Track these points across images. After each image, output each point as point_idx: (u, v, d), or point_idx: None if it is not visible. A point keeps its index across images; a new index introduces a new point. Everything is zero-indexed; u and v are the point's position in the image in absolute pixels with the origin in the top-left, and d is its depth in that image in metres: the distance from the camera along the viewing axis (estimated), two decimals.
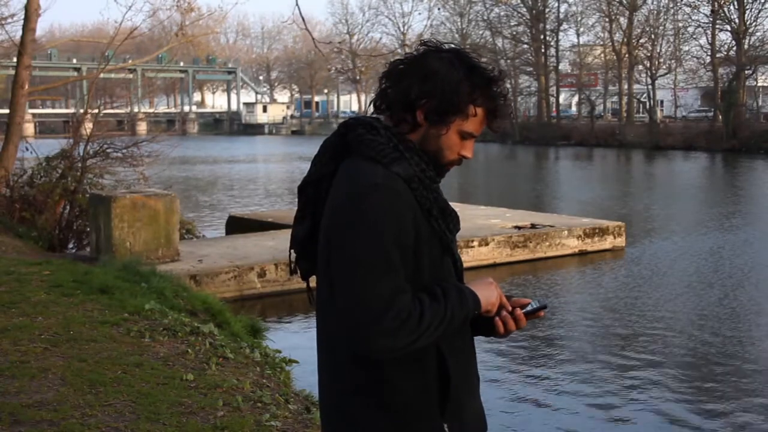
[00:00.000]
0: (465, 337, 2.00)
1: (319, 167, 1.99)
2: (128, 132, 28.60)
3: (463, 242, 12.58)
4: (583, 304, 11.17)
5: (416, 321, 1.80)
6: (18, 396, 4.69)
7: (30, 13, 15.62)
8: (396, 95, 1.95)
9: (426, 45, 1.99)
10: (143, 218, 10.91)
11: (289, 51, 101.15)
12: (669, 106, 67.83)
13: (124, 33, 19.91)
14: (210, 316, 7.75)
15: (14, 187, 14.22)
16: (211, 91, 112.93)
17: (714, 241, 15.86)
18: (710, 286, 11.95)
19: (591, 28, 66.79)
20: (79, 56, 79.63)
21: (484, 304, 1.94)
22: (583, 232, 14.21)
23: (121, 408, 4.58)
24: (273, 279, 11.05)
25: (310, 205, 2.00)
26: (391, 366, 1.86)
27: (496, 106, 1.97)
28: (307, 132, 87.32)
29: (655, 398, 7.32)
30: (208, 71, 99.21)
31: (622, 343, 9.23)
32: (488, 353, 8.19)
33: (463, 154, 2.00)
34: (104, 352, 5.64)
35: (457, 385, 1.94)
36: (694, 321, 10.21)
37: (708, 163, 41.99)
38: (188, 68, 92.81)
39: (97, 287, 7.63)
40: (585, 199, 24.12)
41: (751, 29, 53.38)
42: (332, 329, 1.92)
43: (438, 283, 1.90)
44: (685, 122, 58.57)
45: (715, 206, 22.08)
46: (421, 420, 1.91)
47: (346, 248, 1.82)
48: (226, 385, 5.15)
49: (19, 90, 15.70)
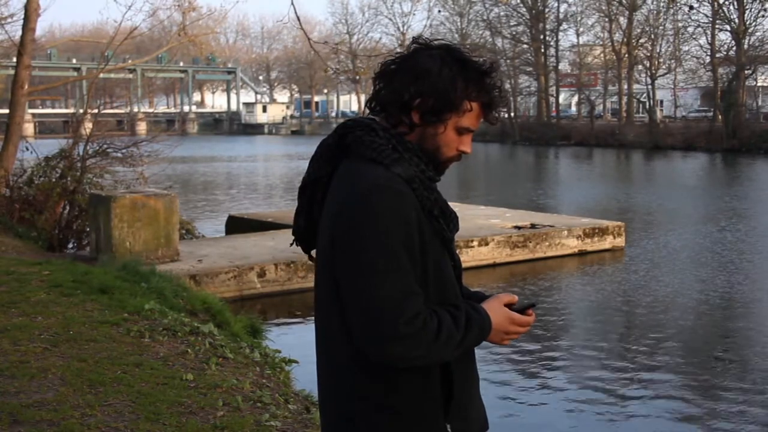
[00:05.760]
0: None
1: (316, 168, 1.99)
2: (128, 132, 28.63)
3: (463, 242, 12.58)
4: (582, 304, 11.17)
5: (433, 335, 1.80)
6: (18, 396, 4.68)
7: (30, 13, 15.61)
8: (389, 96, 1.94)
9: (416, 43, 1.97)
10: (143, 218, 10.90)
11: (288, 51, 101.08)
12: (669, 106, 67.84)
13: (124, 33, 19.91)
14: (210, 316, 7.75)
15: (14, 187, 14.21)
16: (211, 91, 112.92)
17: (714, 241, 15.85)
18: (710, 286, 11.94)
19: (591, 28, 66.89)
20: (79, 56, 79.59)
21: (497, 341, 1.96)
22: (582, 232, 14.22)
23: (121, 408, 4.58)
24: (273, 279, 11.04)
25: (308, 205, 2.01)
26: (392, 367, 1.86)
27: (491, 98, 1.96)
28: (306, 132, 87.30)
29: (655, 398, 7.32)
30: (207, 71, 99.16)
31: (621, 343, 9.23)
32: (487, 352, 8.18)
33: (461, 150, 1.99)
34: (104, 352, 5.64)
35: (458, 386, 1.93)
36: (694, 321, 10.22)
37: (708, 163, 41.98)
38: (188, 68, 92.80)
39: (97, 287, 7.63)
40: (585, 199, 24.12)
41: (751, 29, 53.38)
42: (333, 329, 1.91)
43: (465, 307, 1.89)
44: (684, 122, 58.54)
45: (715, 206, 22.08)
46: (423, 421, 1.90)
47: (353, 251, 1.81)
48: (225, 385, 5.15)
49: (18, 90, 15.69)
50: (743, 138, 48.64)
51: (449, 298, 1.92)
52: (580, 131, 60.22)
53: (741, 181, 30.98)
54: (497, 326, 1.92)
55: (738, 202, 23.10)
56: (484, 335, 1.90)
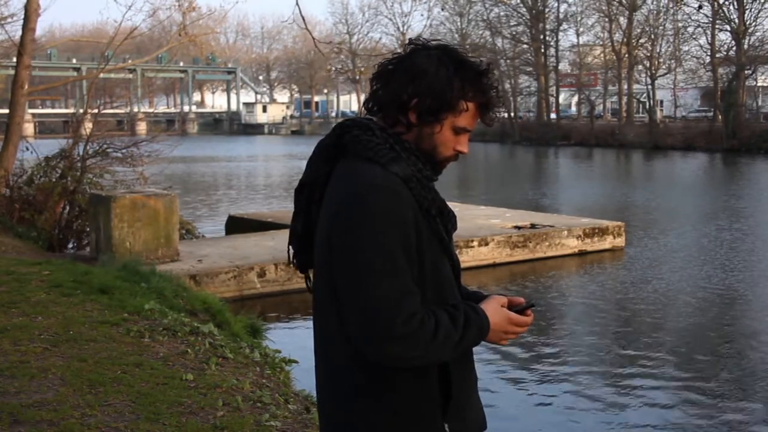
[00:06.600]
0: None
1: (314, 169, 1.99)
2: (128, 132, 28.64)
3: (463, 242, 12.58)
4: (582, 304, 11.17)
5: (431, 334, 1.80)
6: (18, 396, 4.68)
7: (30, 13, 15.61)
8: (387, 97, 1.94)
9: (413, 44, 1.98)
10: (143, 218, 10.91)
11: (288, 51, 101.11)
12: (669, 106, 67.85)
13: (124, 33, 19.91)
14: (210, 316, 7.75)
15: (14, 187, 14.21)
16: (211, 91, 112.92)
17: (714, 241, 15.85)
18: (710, 285, 11.94)
19: (591, 28, 66.87)
20: (79, 56, 79.60)
21: (495, 341, 1.96)
22: (582, 232, 14.22)
23: (120, 408, 4.58)
24: (273, 279, 11.05)
25: (305, 206, 2.00)
26: (390, 367, 1.86)
27: (488, 98, 1.97)
28: (306, 132, 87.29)
29: (655, 397, 7.32)
30: (207, 71, 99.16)
31: (621, 343, 9.23)
32: (486, 352, 8.18)
33: (458, 150, 2.00)
34: (104, 352, 5.64)
35: (457, 386, 1.94)
36: (694, 320, 10.22)
37: (708, 163, 41.98)
38: (188, 68, 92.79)
39: (97, 287, 7.63)
40: (584, 199, 24.12)
41: (751, 29, 53.40)
42: (331, 330, 1.92)
43: (463, 308, 1.89)
44: (684, 122, 58.58)
45: (715, 206, 22.08)
46: (421, 421, 1.90)
47: (350, 250, 1.82)
48: (225, 385, 5.15)
49: (18, 90, 15.69)
50: (743, 138, 48.64)
51: (447, 297, 1.92)
52: (580, 131, 60.22)
53: (741, 181, 30.98)
54: (496, 326, 1.92)
55: (738, 201, 23.10)
56: (482, 335, 1.90)
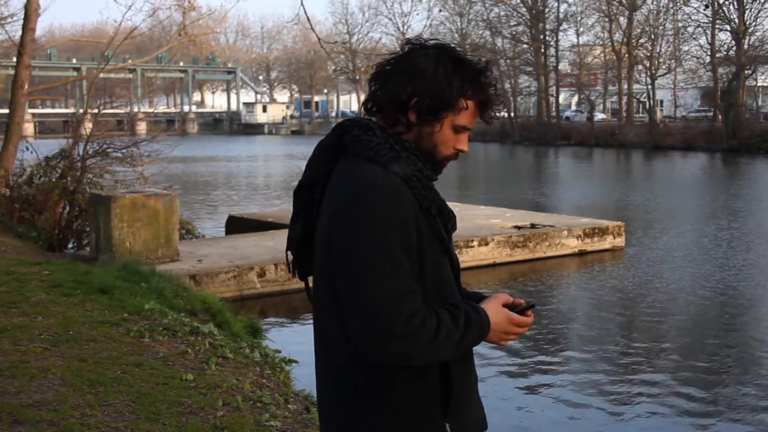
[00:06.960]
0: None
1: (314, 169, 1.99)
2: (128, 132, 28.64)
3: (463, 242, 12.58)
4: (582, 304, 11.17)
5: (431, 334, 1.80)
6: (18, 396, 4.68)
7: (30, 13, 15.61)
8: (386, 97, 1.94)
9: (410, 43, 1.98)
10: (143, 218, 10.91)
11: (288, 51, 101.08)
12: (669, 106, 67.83)
13: (124, 33, 19.92)
14: (210, 316, 7.75)
15: (14, 187, 14.21)
16: (211, 91, 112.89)
17: (713, 240, 15.85)
18: (710, 285, 11.94)
19: (591, 28, 66.84)
20: (79, 56, 79.59)
21: (495, 341, 1.96)
22: (582, 232, 14.22)
23: (121, 408, 4.58)
24: (273, 279, 11.05)
25: (305, 207, 2.00)
26: (391, 367, 1.86)
27: (487, 96, 1.97)
28: (306, 132, 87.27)
29: (655, 397, 7.32)
30: (207, 71, 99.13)
31: (621, 343, 9.23)
32: (486, 352, 8.18)
33: (458, 148, 2.00)
34: (104, 352, 5.64)
35: (457, 386, 1.94)
36: (695, 319, 10.22)
37: (707, 162, 41.99)
38: (188, 68, 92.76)
39: (97, 287, 7.63)
40: (584, 198, 24.12)
41: (751, 29, 53.38)
42: (331, 330, 1.91)
43: (464, 307, 1.89)
44: (684, 122, 58.56)
45: (715, 206, 22.08)
46: (421, 421, 1.90)
47: (350, 251, 1.81)
48: (225, 385, 5.15)
49: (18, 90, 15.70)
50: (743, 138, 48.63)
51: (447, 297, 1.92)
52: (580, 131, 60.22)
53: (741, 181, 30.98)
54: (496, 326, 1.92)
55: (738, 201, 23.10)
56: (483, 335, 1.90)
